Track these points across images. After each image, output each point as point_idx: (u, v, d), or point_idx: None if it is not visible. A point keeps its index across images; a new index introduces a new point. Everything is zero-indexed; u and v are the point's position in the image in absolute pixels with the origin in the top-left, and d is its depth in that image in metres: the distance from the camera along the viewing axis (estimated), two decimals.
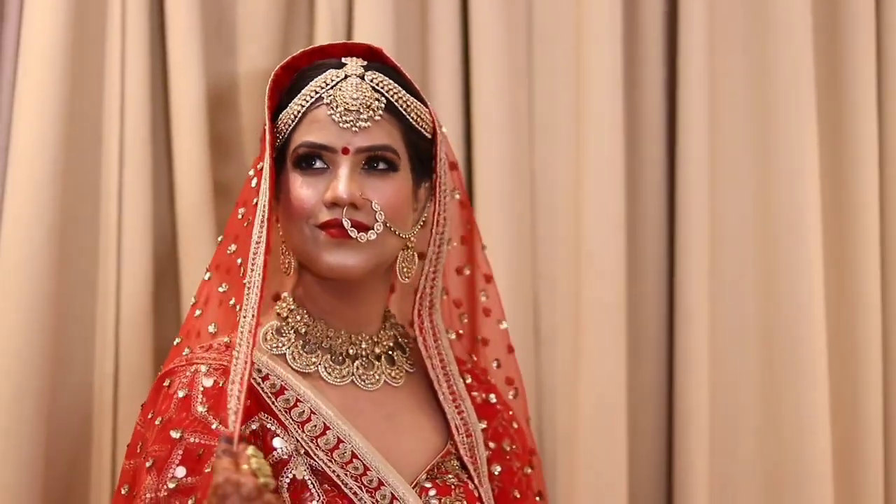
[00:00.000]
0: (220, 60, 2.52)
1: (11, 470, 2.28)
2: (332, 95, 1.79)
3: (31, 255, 2.30)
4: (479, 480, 1.86)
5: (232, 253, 1.83)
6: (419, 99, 1.85)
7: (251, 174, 1.84)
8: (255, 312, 1.72)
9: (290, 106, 1.82)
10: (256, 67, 2.50)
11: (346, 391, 1.82)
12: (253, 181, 1.82)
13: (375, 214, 1.76)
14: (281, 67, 1.85)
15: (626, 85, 2.59)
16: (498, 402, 1.96)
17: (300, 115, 1.80)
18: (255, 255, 1.76)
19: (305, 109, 1.80)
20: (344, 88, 1.79)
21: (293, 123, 1.81)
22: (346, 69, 1.81)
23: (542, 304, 2.60)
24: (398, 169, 1.80)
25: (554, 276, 2.60)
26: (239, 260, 1.79)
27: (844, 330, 2.63)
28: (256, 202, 1.78)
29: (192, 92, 2.43)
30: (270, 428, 1.74)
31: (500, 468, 1.90)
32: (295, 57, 1.86)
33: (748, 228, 2.62)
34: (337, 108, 1.78)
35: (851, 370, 2.62)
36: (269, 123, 1.81)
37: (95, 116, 2.42)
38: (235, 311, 1.76)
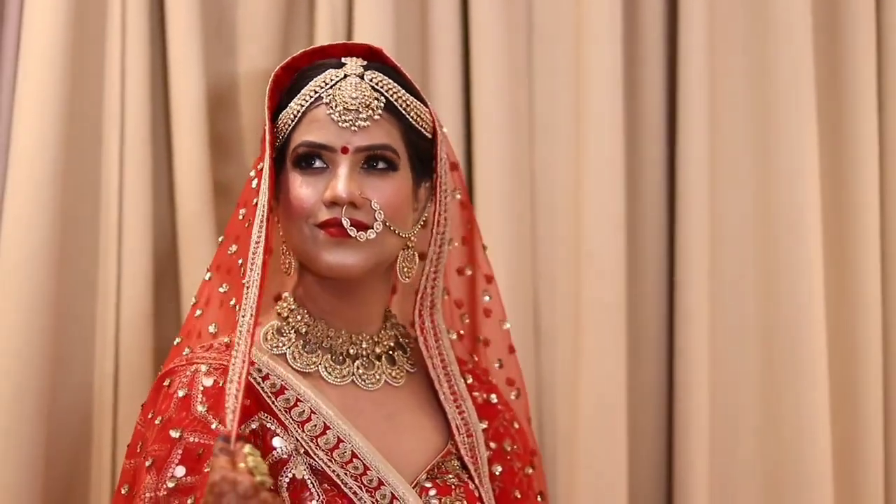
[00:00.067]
0: (220, 60, 2.52)
1: (11, 470, 2.28)
2: (331, 95, 1.79)
3: (31, 254, 2.30)
4: (479, 480, 1.86)
5: (232, 253, 1.83)
6: (419, 99, 1.85)
7: (252, 175, 1.84)
8: (253, 312, 1.72)
9: (289, 106, 1.82)
10: (256, 67, 2.50)
11: (346, 391, 1.82)
12: (254, 182, 1.82)
13: (375, 213, 1.76)
14: (281, 68, 1.85)
15: (626, 85, 2.59)
16: (499, 402, 1.97)
17: (300, 114, 1.80)
18: (254, 254, 1.76)
19: (305, 109, 1.80)
20: (343, 88, 1.79)
21: (293, 123, 1.81)
22: (345, 69, 1.81)
23: (542, 303, 2.60)
24: (398, 168, 1.80)
25: (554, 276, 2.60)
26: (240, 260, 1.80)
27: (844, 330, 2.63)
28: (256, 202, 1.79)
29: (192, 92, 2.43)
30: (270, 427, 1.74)
31: (500, 468, 1.90)
32: (295, 57, 1.86)
33: (748, 228, 2.62)
34: (336, 107, 1.78)
35: (851, 370, 2.62)
36: (268, 123, 1.81)
37: (95, 116, 2.42)
38: (236, 311, 1.76)
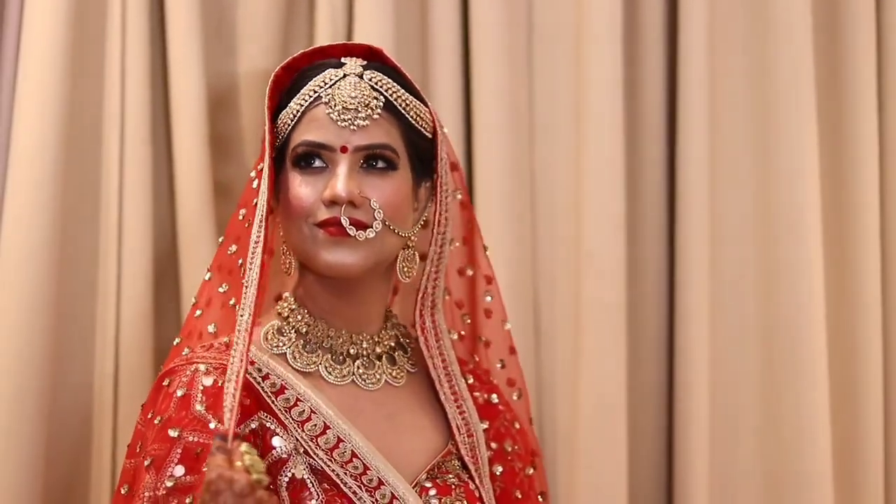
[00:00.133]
0: (220, 60, 2.52)
1: (12, 470, 2.28)
2: (330, 94, 1.79)
3: (31, 254, 2.30)
4: (479, 480, 1.86)
5: (232, 253, 1.83)
6: (419, 98, 1.85)
7: (252, 175, 1.84)
8: (251, 311, 1.72)
9: (289, 105, 1.82)
10: (257, 67, 2.50)
11: (346, 391, 1.82)
12: (254, 182, 1.82)
13: (374, 213, 1.76)
14: (281, 68, 1.85)
15: (626, 85, 2.59)
16: (500, 402, 1.96)
17: (299, 114, 1.81)
18: (253, 254, 1.76)
19: (304, 109, 1.80)
20: (342, 87, 1.79)
21: (292, 123, 1.81)
22: (344, 68, 1.81)
23: (542, 303, 2.60)
24: (397, 168, 1.80)
25: (554, 276, 2.60)
26: (239, 261, 1.80)
27: (844, 330, 2.63)
28: (256, 202, 1.79)
29: (192, 92, 2.43)
30: (270, 427, 1.74)
31: (501, 468, 1.90)
32: (295, 58, 1.86)
33: (748, 228, 2.62)
34: (335, 106, 1.78)
35: (851, 370, 2.62)
36: (268, 123, 1.81)
37: (95, 116, 2.42)
38: (235, 311, 1.76)
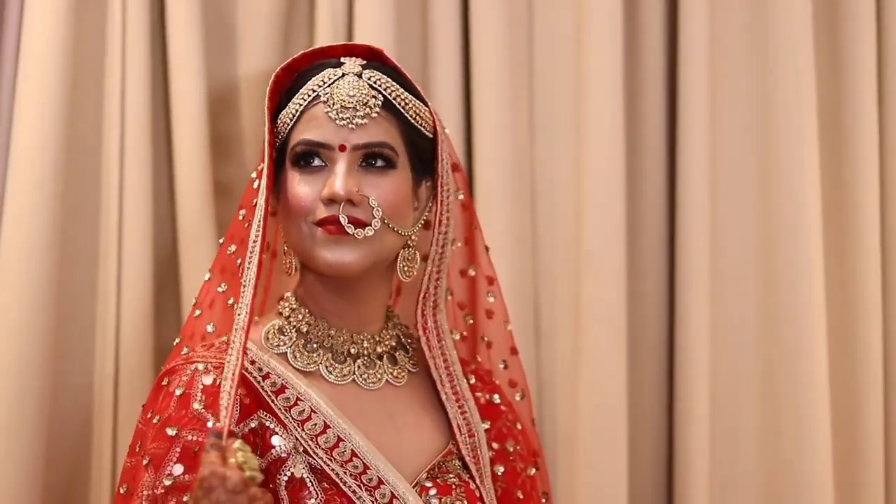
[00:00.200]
0: (220, 61, 2.52)
1: (12, 470, 2.28)
2: (329, 93, 1.79)
3: (31, 254, 2.30)
4: (480, 480, 1.86)
5: (232, 254, 1.84)
6: (419, 98, 1.85)
7: (253, 176, 1.84)
8: (248, 310, 1.72)
9: (288, 105, 1.82)
10: (257, 68, 2.50)
11: (347, 390, 1.82)
12: (255, 183, 1.83)
13: (373, 211, 1.77)
14: (282, 69, 1.86)
15: (626, 84, 2.59)
16: (502, 402, 1.97)
17: (298, 113, 1.81)
18: (251, 253, 1.76)
19: (303, 108, 1.81)
20: (340, 86, 1.79)
21: (291, 122, 1.82)
22: (343, 68, 1.81)
23: (542, 303, 2.60)
24: (396, 166, 1.80)
25: (554, 275, 2.59)
26: (238, 260, 1.80)
27: (845, 329, 2.63)
28: (256, 202, 1.79)
29: (192, 92, 2.43)
30: (269, 426, 1.74)
31: (503, 469, 1.90)
32: (296, 58, 1.87)
33: (748, 228, 2.62)
34: (334, 105, 1.78)
35: (852, 369, 2.62)
36: (268, 124, 1.82)
37: (96, 116, 2.42)
38: (234, 310, 1.76)
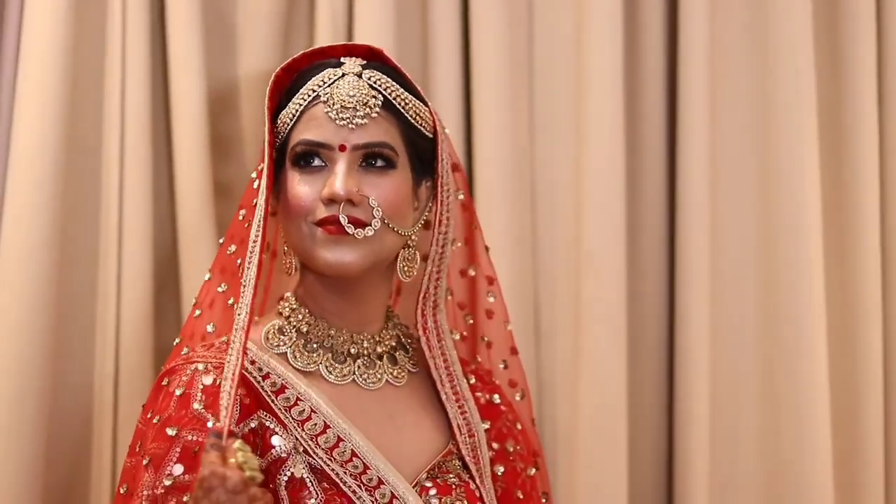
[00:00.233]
0: (220, 61, 2.52)
1: (12, 470, 2.28)
2: (328, 93, 1.79)
3: (31, 254, 2.30)
4: (480, 480, 1.86)
5: (232, 254, 1.84)
6: (419, 98, 1.85)
7: (253, 176, 1.84)
8: (248, 310, 1.72)
9: (288, 105, 1.82)
10: (257, 68, 2.50)
11: (347, 390, 1.82)
12: (255, 183, 1.83)
13: (373, 211, 1.77)
14: (282, 69, 1.86)
15: (626, 84, 2.59)
16: (502, 402, 1.97)
17: (298, 113, 1.81)
18: (251, 253, 1.76)
19: (303, 108, 1.81)
20: (340, 86, 1.79)
21: (291, 122, 1.82)
22: (343, 68, 1.82)
23: (542, 303, 2.60)
24: (396, 166, 1.80)
25: (554, 275, 2.59)
26: (238, 261, 1.80)
27: (845, 329, 2.63)
28: (256, 202, 1.79)
29: (192, 92, 2.43)
30: (269, 426, 1.74)
31: (503, 469, 1.90)
32: (296, 58, 1.87)
33: (748, 228, 2.62)
34: (333, 105, 1.78)
35: (852, 369, 2.62)
36: (268, 124, 1.82)
37: (96, 117, 2.42)
38: (234, 310, 1.76)
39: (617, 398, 2.52)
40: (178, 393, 1.72)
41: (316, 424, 1.76)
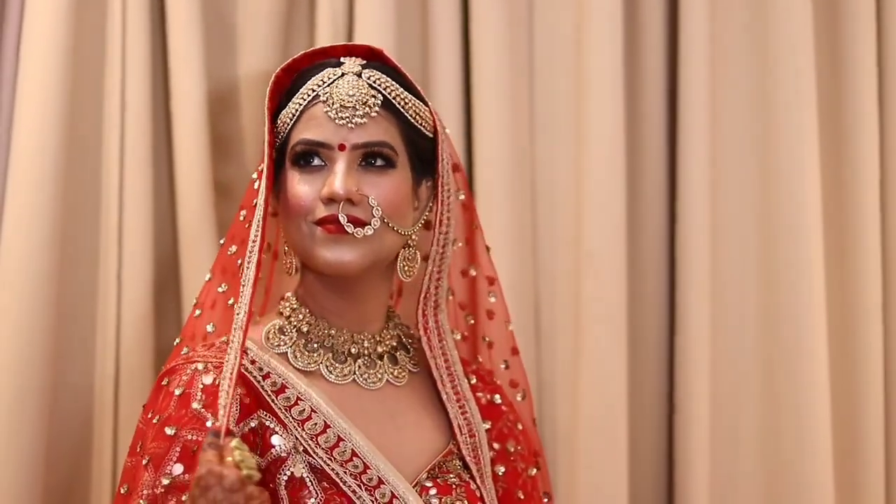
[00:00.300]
0: (221, 61, 2.52)
1: (12, 471, 2.28)
2: (328, 93, 1.79)
3: (31, 255, 2.31)
4: (481, 480, 1.86)
5: (232, 254, 1.84)
6: (419, 98, 1.85)
7: (254, 177, 1.84)
8: (247, 309, 1.72)
9: (288, 105, 1.82)
10: (257, 68, 2.50)
11: (347, 390, 1.82)
12: (256, 184, 1.83)
13: (372, 210, 1.77)
14: (282, 69, 1.86)
15: (626, 84, 2.59)
16: (503, 403, 1.96)
17: (298, 113, 1.81)
18: (250, 253, 1.76)
19: (303, 108, 1.81)
20: (340, 86, 1.79)
21: (291, 122, 1.82)
22: (343, 67, 1.81)
23: (542, 303, 2.60)
24: (396, 166, 1.80)
25: (554, 275, 2.59)
26: (239, 261, 1.80)
27: (845, 329, 2.63)
28: (256, 203, 1.79)
29: (193, 93, 2.44)
30: (269, 426, 1.74)
31: (503, 469, 1.90)
32: (296, 59, 1.87)
33: (749, 228, 2.62)
34: (333, 104, 1.78)
35: (852, 370, 2.62)
36: (268, 124, 1.82)
37: (96, 117, 2.43)
38: (234, 310, 1.76)
39: (617, 398, 2.52)
40: (177, 392, 1.72)
41: (316, 424, 1.76)
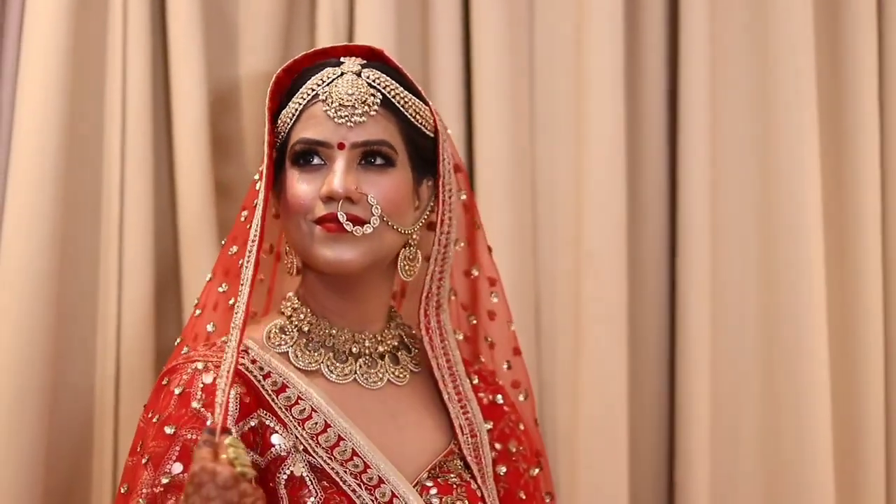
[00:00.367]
0: (221, 62, 2.52)
1: (12, 472, 2.28)
2: (327, 92, 1.79)
3: (32, 256, 2.30)
4: (482, 480, 1.86)
5: (233, 254, 1.84)
6: (419, 97, 1.85)
7: (256, 178, 1.85)
8: (245, 308, 1.72)
9: (288, 105, 1.83)
10: (258, 69, 2.50)
11: (348, 389, 1.82)
12: (257, 185, 1.83)
13: (372, 208, 1.77)
14: (283, 70, 1.86)
15: (627, 84, 2.58)
16: (505, 403, 1.97)
17: (298, 112, 1.82)
18: (249, 252, 1.77)
19: (302, 107, 1.81)
20: (339, 85, 1.80)
21: (291, 121, 1.82)
22: (342, 67, 1.82)
23: (542, 303, 2.60)
24: (395, 164, 1.81)
25: (554, 275, 2.59)
26: (240, 261, 1.80)
27: (845, 329, 2.62)
28: (256, 203, 1.80)
29: (193, 93, 2.43)
30: (269, 425, 1.74)
31: (505, 469, 1.91)
32: (297, 59, 1.87)
33: (749, 228, 2.62)
34: (332, 103, 1.79)
35: (853, 370, 2.61)
36: (268, 124, 1.82)
37: (97, 118, 2.42)
38: (234, 309, 1.77)
39: (617, 398, 2.52)
40: (177, 392, 1.72)
41: (316, 423, 1.76)
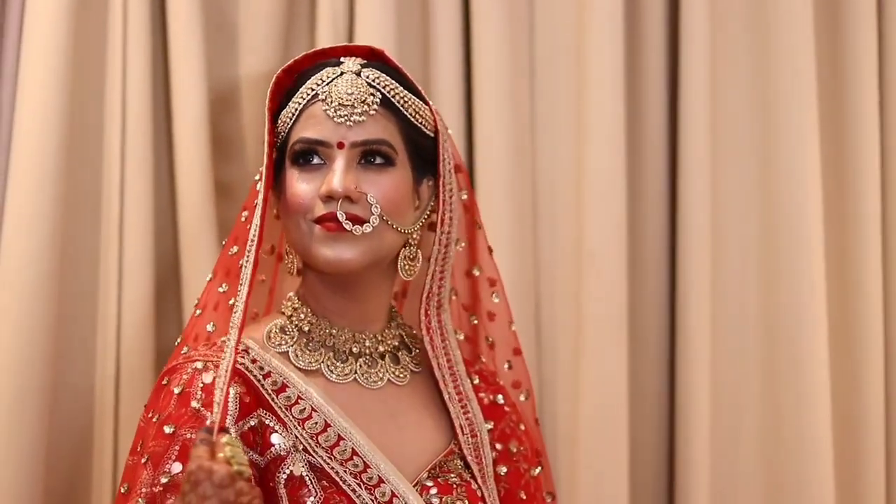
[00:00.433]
0: (221, 62, 2.52)
1: (12, 472, 2.28)
2: (327, 91, 1.80)
3: (32, 256, 2.30)
4: (482, 480, 1.86)
5: (233, 254, 1.84)
6: (419, 97, 1.85)
7: (256, 179, 1.85)
8: (243, 307, 1.73)
9: (288, 105, 1.83)
10: (258, 68, 2.50)
11: (348, 389, 1.82)
12: (258, 185, 1.83)
13: (371, 208, 1.77)
14: (283, 70, 1.87)
15: (627, 85, 2.59)
16: (506, 403, 1.97)
17: (297, 112, 1.82)
18: (248, 252, 1.77)
19: (302, 106, 1.81)
20: (339, 84, 1.80)
21: (291, 121, 1.82)
22: (342, 66, 1.82)
23: (542, 303, 2.60)
24: (395, 164, 1.81)
25: (555, 275, 2.59)
26: (241, 262, 1.80)
27: (846, 329, 2.62)
28: (257, 203, 1.80)
29: (193, 93, 2.43)
30: (269, 424, 1.74)
31: (506, 469, 1.90)
32: (297, 60, 1.87)
33: (749, 227, 2.62)
34: (332, 103, 1.79)
35: (853, 370, 2.62)
36: (268, 125, 1.82)
37: (97, 118, 2.43)
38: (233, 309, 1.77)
39: (617, 398, 2.52)
40: (177, 391, 1.72)
41: (316, 423, 1.76)
